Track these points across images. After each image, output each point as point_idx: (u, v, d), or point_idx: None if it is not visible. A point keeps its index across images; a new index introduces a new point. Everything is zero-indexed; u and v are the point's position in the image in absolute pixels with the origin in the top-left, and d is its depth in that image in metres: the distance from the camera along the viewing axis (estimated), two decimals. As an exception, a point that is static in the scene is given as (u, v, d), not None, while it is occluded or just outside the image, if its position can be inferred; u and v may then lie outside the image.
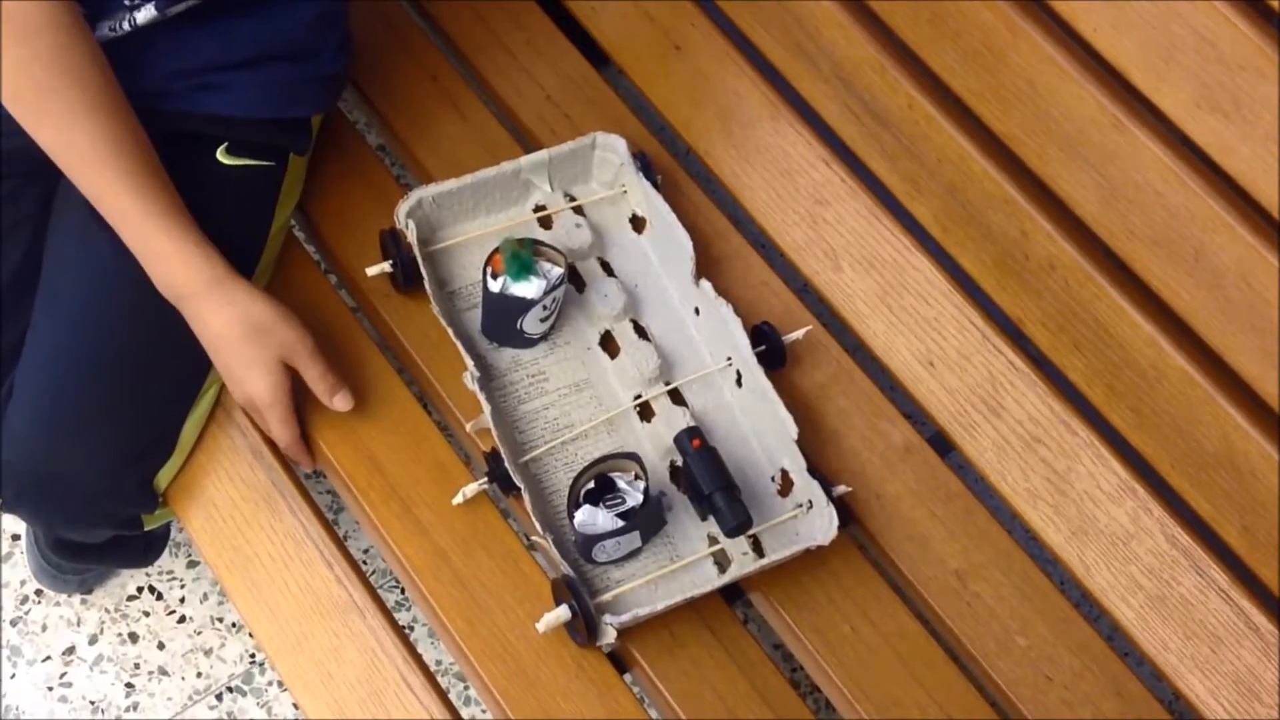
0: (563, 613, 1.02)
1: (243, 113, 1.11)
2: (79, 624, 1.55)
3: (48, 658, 1.52)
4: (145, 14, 1.04)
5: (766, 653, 1.09)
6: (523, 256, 1.11)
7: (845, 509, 1.11)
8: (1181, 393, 1.11)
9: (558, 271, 1.13)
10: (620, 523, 1.05)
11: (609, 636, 1.03)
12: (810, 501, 1.09)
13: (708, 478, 1.06)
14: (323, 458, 1.14)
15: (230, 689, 1.53)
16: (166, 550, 1.53)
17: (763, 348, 1.16)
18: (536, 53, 1.37)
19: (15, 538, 1.58)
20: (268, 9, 1.09)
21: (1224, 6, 1.03)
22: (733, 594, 1.13)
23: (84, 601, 1.56)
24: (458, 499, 1.09)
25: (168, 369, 1.08)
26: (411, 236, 1.16)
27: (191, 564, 1.59)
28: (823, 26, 1.27)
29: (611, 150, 1.24)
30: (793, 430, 1.10)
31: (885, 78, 1.23)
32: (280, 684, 1.53)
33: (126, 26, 1.04)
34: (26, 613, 1.55)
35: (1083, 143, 1.12)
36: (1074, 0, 1.10)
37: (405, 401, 1.16)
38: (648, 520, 1.08)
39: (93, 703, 1.51)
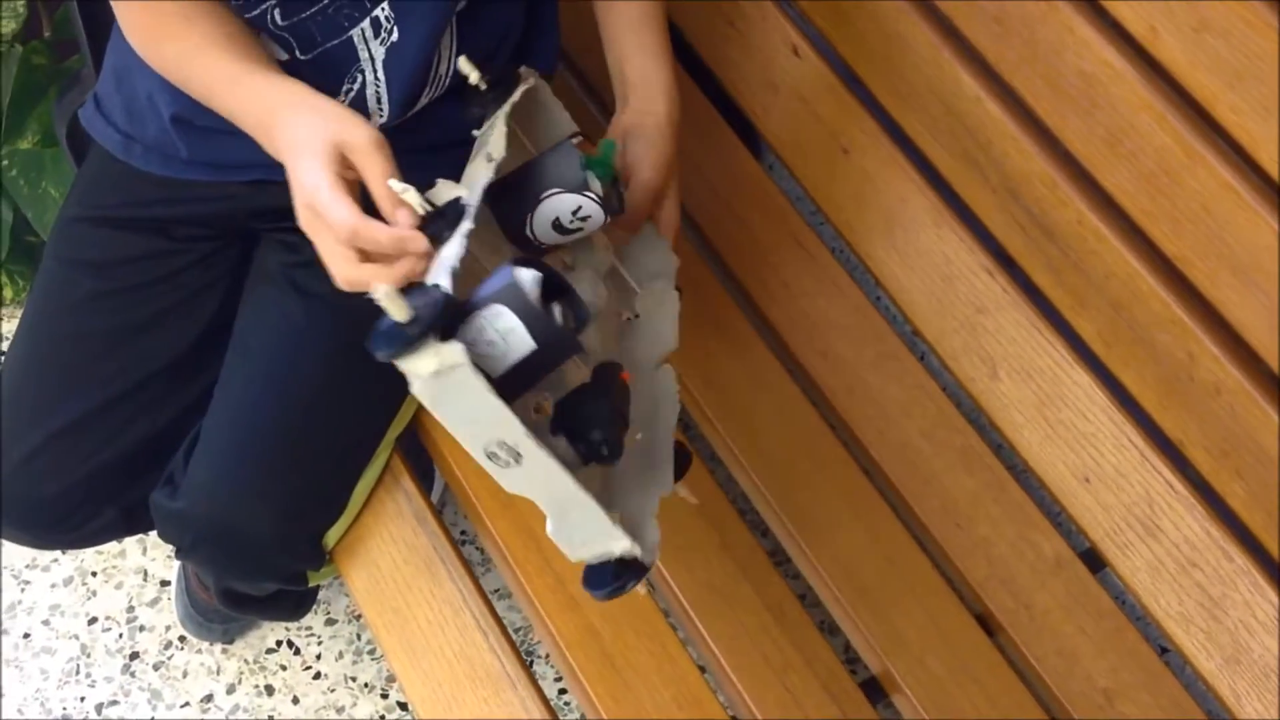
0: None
1: None
2: (218, 673, 1.59)
3: (186, 704, 1.56)
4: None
5: (909, 757, 1.10)
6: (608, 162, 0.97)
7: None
8: (1347, 527, 1.10)
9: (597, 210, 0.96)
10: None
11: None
12: None
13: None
14: (483, 528, 1.17)
15: (359, 748, 1.56)
16: (307, 606, 1.57)
17: None
18: (700, 139, 1.41)
19: (164, 583, 1.63)
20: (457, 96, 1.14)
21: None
22: (876, 694, 1.13)
23: (224, 651, 1.60)
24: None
25: (348, 431, 1.12)
26: None
27: (329, 621, 1.62)
28: (994, 138, 1.28)
29: None
30: None
31: (1055, 192, 1.24)
32: (408, 747, 1.56)
33: None
34: (169, 658, 1.59)
35: (1256, 269, 1.12)
36: (1251, 127, 1.11)
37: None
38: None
39: (227, 751, 1.54)
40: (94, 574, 1.64)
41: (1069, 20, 1.16)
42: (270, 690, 1.58)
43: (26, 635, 1.59)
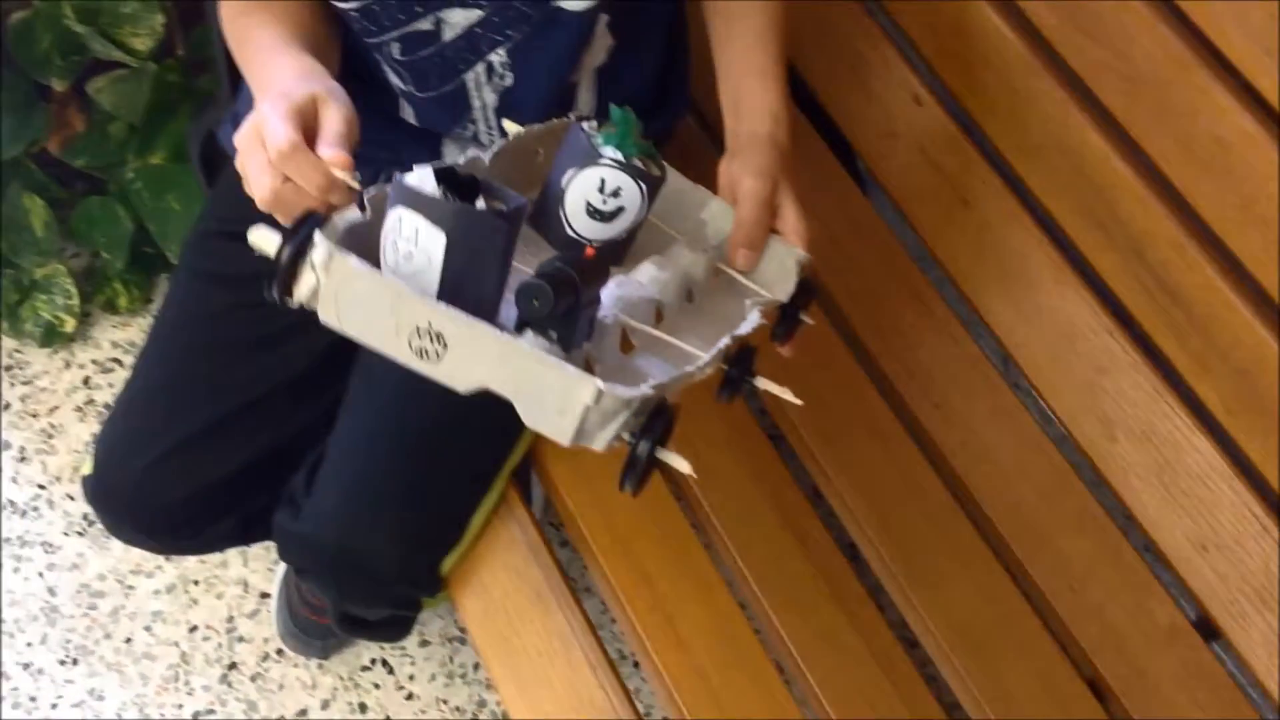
0: None
1: None
2: (314, 687, 1.60)
3: (281, 717, 1.58)
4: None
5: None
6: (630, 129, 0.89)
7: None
8: None
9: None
10: None
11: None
12: None
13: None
14: (594, 563, 1.17)
15: (448, 772, 1.57)
16: (403, 627, 1.59)
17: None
18: (814, 181, 1.41)
19: (264, 596, 1.65)
20: None
21: None
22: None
23: (320, 666, 1.62)
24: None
25: (469, 461, 1.13)
26: None
27: (423, 643, 1.64)
28: (1121, 197, 1.28)
29: None
30: None
31: (1183, 255, 1.23)
32: (497, 774, 1.56)
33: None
34: (266, 670, 1.61)
35: (1391, 345, 1.10)
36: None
37: (673, 515, 1.20)
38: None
39: (319, 767, 1.56)
40: (195, 583, 1.67)
41: (1203, 84, 1.16)
42: (364, 708, 1.60)
43: (128, 640, 1.62)
